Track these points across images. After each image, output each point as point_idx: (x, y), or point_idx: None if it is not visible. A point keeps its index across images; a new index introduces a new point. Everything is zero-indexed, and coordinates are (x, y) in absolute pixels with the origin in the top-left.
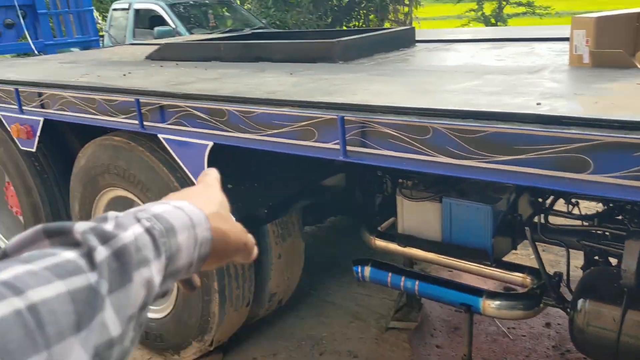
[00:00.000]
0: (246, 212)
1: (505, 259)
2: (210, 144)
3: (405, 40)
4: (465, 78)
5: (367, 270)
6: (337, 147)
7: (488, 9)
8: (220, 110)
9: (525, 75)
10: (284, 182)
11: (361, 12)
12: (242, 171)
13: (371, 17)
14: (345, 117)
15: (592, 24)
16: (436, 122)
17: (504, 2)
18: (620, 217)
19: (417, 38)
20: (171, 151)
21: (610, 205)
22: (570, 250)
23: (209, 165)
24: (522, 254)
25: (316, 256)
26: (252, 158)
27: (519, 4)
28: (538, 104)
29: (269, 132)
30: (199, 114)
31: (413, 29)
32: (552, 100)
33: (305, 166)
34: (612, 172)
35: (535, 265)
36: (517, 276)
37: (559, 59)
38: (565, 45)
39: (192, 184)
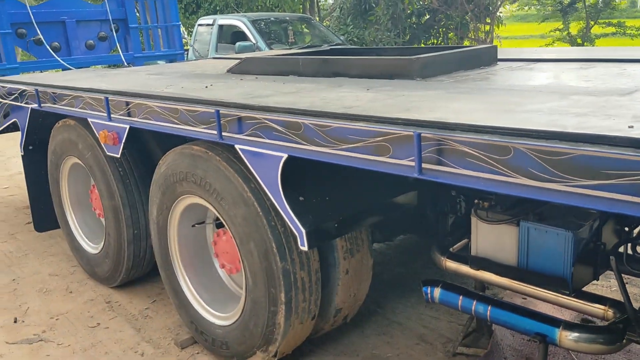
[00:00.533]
0: (316, 225)
1: (585, 289)
2: (285, 156)
3: (487, 58)
4: (550, 98)
5: (437, 291)
6: (412, 164)
7: (574, 28)
8: (296, 123)
9: (616, 97)
10: (355, 197)
11: (440, 30)
12: (314, 184)
13: (450, 35)
14: (422, 134)
15: None
16: (518, 142)
17: (592, 22)
18: None
19: (499, 57)
20: (246, 161)
21: None
22: None
23: (283, 177)
24: (603, 285)
25: (384, 274)
26: (325, 172)
27: (609, 24)
28: (630, 126)
29: (343, 147)
30: (275, 126)
31: (495, 47)
32: None
33: (378, 182)
34: None
35: (618, 298)
36: (598, 308)
37: None
38: None
39: (265, 194)
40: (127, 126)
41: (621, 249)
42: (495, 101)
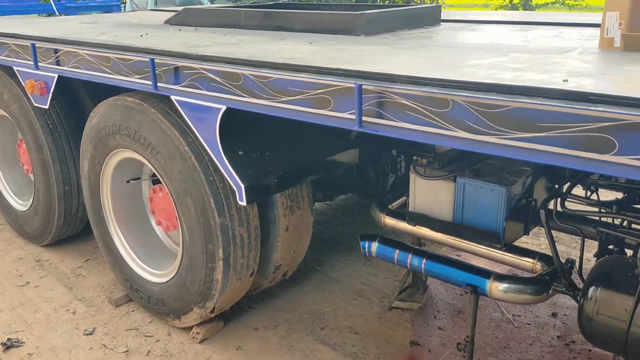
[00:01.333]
0: (255, 180)
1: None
2: (223, 108)
3: (430, 18)
4: (490, 55)
5: (375, 246)
6: (353, 117)
7: None
8: (236, 73)
9: (553, 55)
10: (297, 152)
11: None
12: (254, 138)
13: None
14: (363, 86)
15: (627, 5)
16: (457, 95)
17: None
18: (638, 205)
19: (443, 18)
20: (183, 114)
21: (631, 191)
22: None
23: (221, 130)
24: (532, 244)
25: (324, 233)
26: (265, 125)
27: None
28: (565, 80)
29: (284, 99)
30: (213, 76)
31: (439, 6)
32: (580, 79)
33: (320, 138)
34: (638, 154)
35: (547, 252)
36: (527, 261)
37: (588, 43)
38: (595, 31)
39: (203, 148)
40: (56, 75)
41: (551, 205)
42: (437, 57)
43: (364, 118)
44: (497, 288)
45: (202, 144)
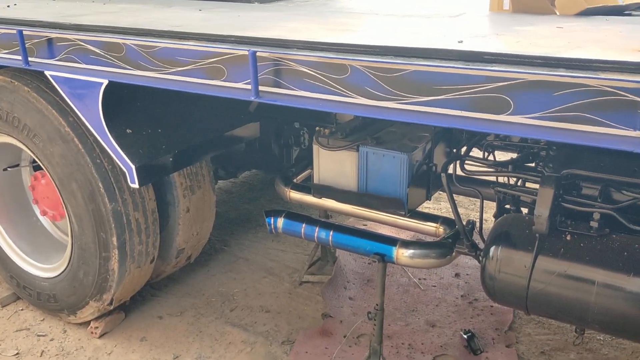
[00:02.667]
0: (147, 160)
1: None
2: (105, 82)
3: None
4: (387, 20)
5: (280, 221)
6: (249, 86)
7: None
8: (117, 44)
9: (447, 18)
10: (192, 128)
11: None
12: (142, 114)
13: None
14: (258, 53)
15: None
16: (355, 59)
17: None
18: (534, 164)
19: None
20: (61, 91)
21: (525, 151)
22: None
23: (104, 107)
24: (434, 208)
25: (230, 212)
26: (154, 100)
27: None
28: (460, 41)
29: (172, 70)
30: (92, 48)
31: None
32: (474, 40)
33: (216, 111)
34: (532, 113)
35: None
36: (430, 226)
37: (480, 6)
38: None
39: (86, 128)
40: None
41: (451, 168)
42: (334, 22)
43: (260, 87)
44: (404, 254)
45: (85, 124)
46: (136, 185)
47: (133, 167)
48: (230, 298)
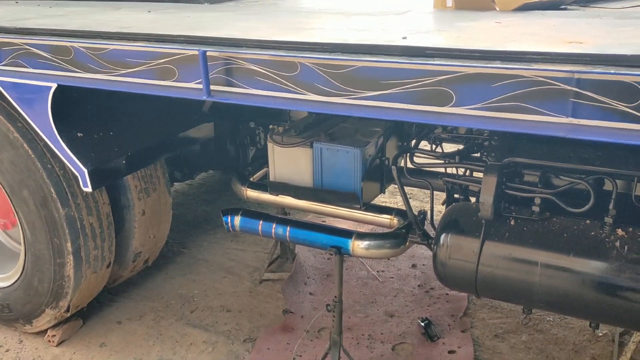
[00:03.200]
0: (100, 163)
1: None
2: (54, 85)
3: None
4: (334, 18)
5: (237, 219)
6: (200, 86)
7: None
8: (65, 47)
9: (392, 16)
10: (145, 130)
11: None
12: (93, 117)
13: None
14: (208, 53)
15: None
16: (304, 57)
17: None
18: (479, 154)
19: None
20: (8, 96)
21: (470, 142)
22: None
23: (54, 111)
24: (390, 202)
25: (187, 214)
26: (105, 102)
27: None
28: (404, 38)
29: (122, 72)
30: (39, 52)
31: None
32: (417, 36)
33: (169, 112)
34: (473, 104)
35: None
36: (385, 218)
37: (425, 4)
38: None
39: (36, 133)
40: None
41: (401, 161)
42: (283, 21)
43: (212, 87)
44: (359, 246)
45: (35, 129)
46: (89, 190)
47: (85, 171)
48: (190, 300)
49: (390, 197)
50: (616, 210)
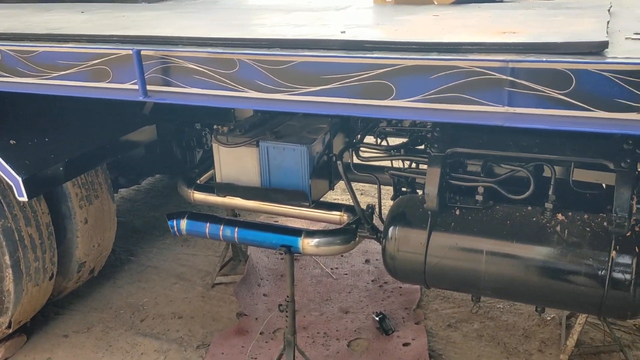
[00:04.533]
0: (35, 171)
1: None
2: None
3: None
4: (274, 14)
5: (184, 223)
6: (136, 87)
7: None
8: None
9: (332, 11)
10: (83, 134)
11: None
12: (27, 124)
13: None
14: (142, 52)
15: None
16: (243, 53)
17: None
18: (423, 145)
19: None
20: None
21: (414, 134)
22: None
23: None
24: (343, 199)
25: (135, 220)
26: (38, 107)
27: None
28: (342, 32)
29: (54, 75)
30: None
31: None
32: (356, 30)
33: (107, 115)
34: (413, 96)
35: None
36: (335, 214)
37: (365, 0)
38: None
39: None
40: None
41: (347, 156)
42: (222, 18)
43: (148, 87)
44: (309, 244)
45: None
46: (25, 199)
47: (19, 179)
48: (140, 308)
49: (342, 194)
50: (556, 195)
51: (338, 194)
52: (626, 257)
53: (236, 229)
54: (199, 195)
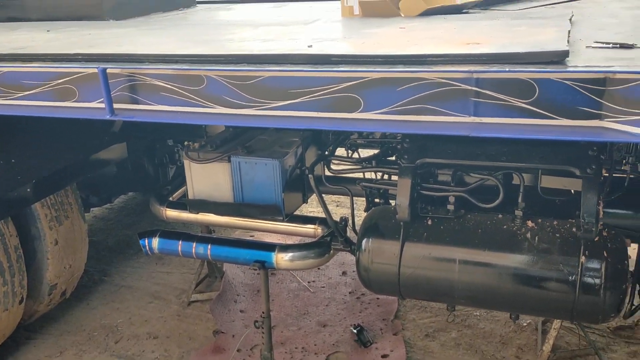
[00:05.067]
0: (2, 193)
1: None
2: None
3: (185, 0)
4: (242, 30)
5: (155, 241)
6: (102, 105)
7: None
8: None
9: (300, 25)
10: (50, 154)
11: None
12: None
13: None
14: (108, 70)
15: None
16: (210, 69)
17: None
18: (393, 157)
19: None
20: None
21: (385, 146)
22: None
23: None
24: (319, 211)
25: (108, 239)
26: (3, 128)
27: None
28: (309, 46)
29: (18, 95)
30: None
31: None
32: (323, 44)
33: (76, 134)
34: (381, 109)
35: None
36: (309, 228)
37: (334, 14)
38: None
39: None
40: None
41: (319, 169)
42: (190, 34)
43: (115, 105)
44: (283, 259)
45: None
46: None
47: None
48: (114, 329)
49: (318, 207)
50: (525, 202)
51: (314, 207)
52: (595, 262)
53: (209, 246)
54: (171, 213)
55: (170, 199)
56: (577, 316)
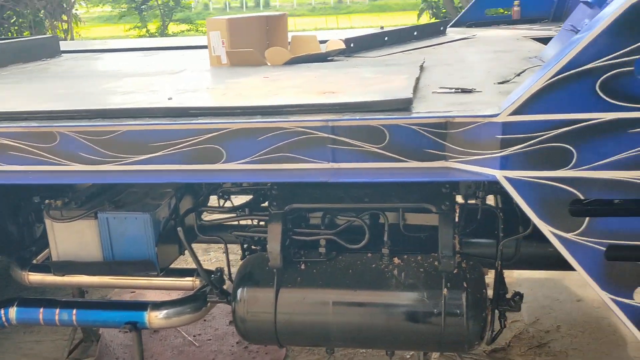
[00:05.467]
0: None
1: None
2: None
3: (49, 49)
4: (105, 82)
5: (13, 311)
6: None
7: (153, 27)
8: None
9: (166, 76)
10: None
11: (12, 29)
12: None
13: (26, 33)
14: None
15: (225, 25)
16: (62, 126)
17: (168, 20)
18: (264, 204)
19: (67, 49)
20: None
21: (257, 193)
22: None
23: None
24: (203, 259)
25: None
26: None
27: (183, 21)
28: (169, 98)
29: None
30: None
31: (56, 37)
32: (185, 95)
33: None
34: (243, 159)
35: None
36: (187, 281)
37: (203, 63)
38: None
39: None
40: None
41: (192, 220)
42: (46, 88)
43: None
44: (157, 317)
45: None
46: None
47: None
48: None
49: (203, 255)
50: (390, 240)
51: (203, 256)
52: (456, 293)
53: (74, 311)
54: (34, 277)
55: (34, 261)
56: (445, 347)
